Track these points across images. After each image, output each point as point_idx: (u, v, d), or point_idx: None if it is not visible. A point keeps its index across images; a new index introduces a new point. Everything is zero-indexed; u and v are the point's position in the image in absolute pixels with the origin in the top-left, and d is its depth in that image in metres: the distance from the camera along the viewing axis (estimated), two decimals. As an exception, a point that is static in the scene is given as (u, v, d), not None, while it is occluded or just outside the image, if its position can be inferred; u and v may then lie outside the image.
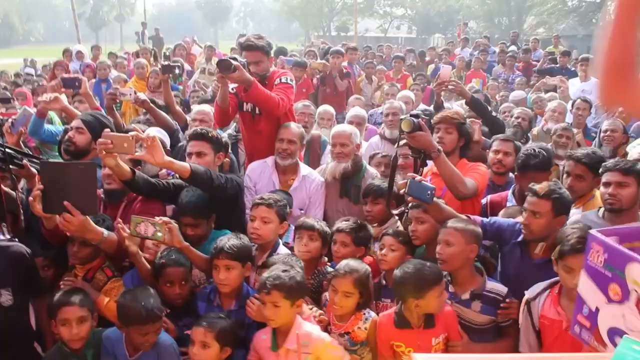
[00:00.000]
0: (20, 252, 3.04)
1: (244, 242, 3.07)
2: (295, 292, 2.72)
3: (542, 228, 3.00)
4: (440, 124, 3.81)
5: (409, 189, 3.00)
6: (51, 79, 8.42)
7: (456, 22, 33.70)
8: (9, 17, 59.11)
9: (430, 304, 2.78)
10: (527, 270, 3.09)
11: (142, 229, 2.98)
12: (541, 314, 2.79)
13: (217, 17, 68.02)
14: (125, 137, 2.97)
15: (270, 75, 4.49)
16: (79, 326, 2.82)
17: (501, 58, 12.05)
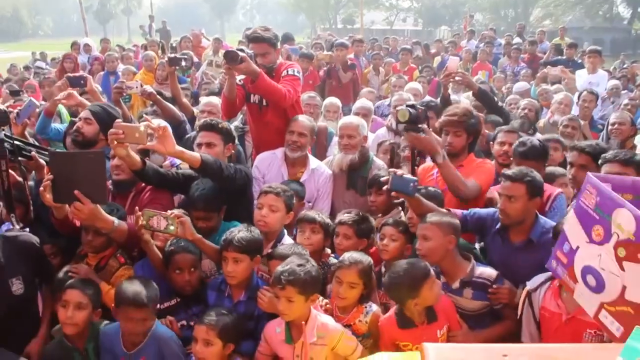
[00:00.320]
0: (29, 241, 3.08)
1: (253, 235, 3.06)
2: (309, 286, 2.71)
3: (518, 211, 3.07)
4: (449, 127, 3.79)
5: (391, 184, 3.05)
6: (60, 72, 8.49)
7: (462, 15, 33.49)
8: (18, 11, 59.27)
9: (427, 297, 2.80)
10: (509, 256, 3.14)
11: (155, 222, 3.00)
12: (542, 306, 2.81)
13: (224, 9, 67.89)
14: (137, 127, 2.99)
15: (278, 67, 4.51)
16: (75, 311, 2.85)
17: (507, 50, 12.01)
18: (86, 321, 2.90)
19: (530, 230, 3.12)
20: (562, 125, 5.51)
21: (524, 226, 3.13)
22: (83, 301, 2.88)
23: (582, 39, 21.80)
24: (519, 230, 3.15)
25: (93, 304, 2.93)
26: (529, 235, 3.11)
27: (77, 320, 2.86)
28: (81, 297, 2.89)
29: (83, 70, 9.27)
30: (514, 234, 3.17)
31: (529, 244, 3.10)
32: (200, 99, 5.79)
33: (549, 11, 39.78)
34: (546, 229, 3.09)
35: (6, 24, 54.62)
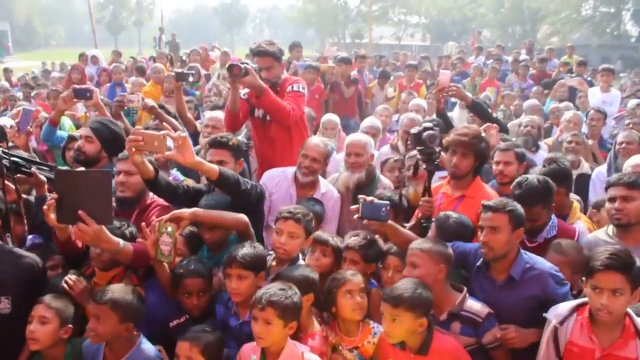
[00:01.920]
0: (30, 264, 3.00)
1: (257, 251, 2.99)
2: (290, 312, 2.61)
3: (502, 244, 2.88)
4: (457, 148, 3.62)
5: (361, 212, 2.92)
6: (67, 83, 8.55)
7: (470, 31, 33.58)
8: (31, 20, 59.89)
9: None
10: (493, 294, 2.97)
11: (165, 249, 2.96)
12: (569, 340, 2.65)
13: (234, 23, 68.38)
14: (156, 135, 2.95)
15: (282, 82, 4.49)
16: (37, 326, 2.79)
17: (514, 67, 12.00)
18: (51, 337, 2.82)
19: (511, 267, 2.94)
20: (565, 141, 5.47)
21: (506, 262, 2.93)
22: (47, 315, 2.82)
23: (590, 56, 21.75)
24: (501, 266, 2.95)
25: (61, 319, 2.84)
26: (509, 272, 2.94)
27: (39, 335, 2.78)
28: (45, 311, 2.82)
29: (90, 81, 9.34)
30: (496, 271, 2.98)
31: (511, 281, 2.93)
32: (205, 113, 5.79)
33: (557, 28, 39.78)
34: (529, 266, 2.92)
35: (20, 34, 55.16)
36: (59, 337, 2.86)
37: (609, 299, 2.48)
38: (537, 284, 2.88)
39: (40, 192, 3.53)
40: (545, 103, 8.78)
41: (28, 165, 3.47)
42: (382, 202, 2.95)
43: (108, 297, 2.74)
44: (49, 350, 2.87)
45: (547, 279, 2.88)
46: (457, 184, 3.68)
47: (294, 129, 4.45)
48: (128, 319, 2.80)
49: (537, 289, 2.87)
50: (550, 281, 2.88)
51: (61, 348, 2.89)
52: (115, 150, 3.79)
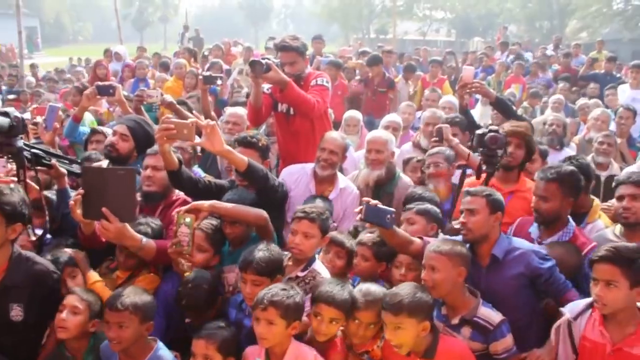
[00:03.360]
0: (44, 272, 2.98)
1: (273, 255, 2.93)
2: (292, 312, 2.61)
3: (479, 225, 2.94)
4: (512, 138, 3.76)
5: (365, 215, 2.88)
6: (92, 79, 8.66)
7: (496, 26, 33.11)
8: (60, 17, 60.82)
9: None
10: (479, 279, 2.99)
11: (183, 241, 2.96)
12: (582, 335, 2.65)
13: (258, 18, 68.55)
14: (186, 124, 3.01)
15: (306, 76, 4.50)
16: (69, 315, 2.83)
17: (543, 62, 11.79)
18: (79, 328, 2.87)
19: (492, 249, 2.99)
20: (597, 142, 5.34)
21: (488, 244, 2.99)
22: (79, 306, 2.86)
23: (620, 51, 21.25)
24: (484, 249, 3.00)
25: (91, 313, 2.88)
26: (492, 253, 2.98)
27: (68, 325, 2.83)
28: (78, 302, 2.87)
29: (115, 77, 9.43)
30: (480, 255, 3.02)
31: (496, 262, 2.96)
32: (225, 109, 5.81)
33: (586, 23, 38.92)
34: (513, 247, 2.98)
35: (49, 30, 56.03)
36: (86, 330, 2.91)
37: (603, 289, 2.53)
38: (520, 262, 2.93)
39: (60, 185, 3.56)
40: (573, 100, 8.63)
41: (48, 158, 3.50)
42: (388, 209, 2.89)
43: (128, 302, 2.75)
44: (74, 341, 2.91)
45: (529, 255, 2.94)
46: (506, 178, 3.77)
47: (318, 123, 4.44)
48: (148, 318, 2.82)
49: (521, 267, 2.92)
50: (534, 257, 2.94)
51: (85, 341, 2.94)
52: (145, 149, 3.82)
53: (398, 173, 4.33)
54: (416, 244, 3.07)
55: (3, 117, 3.25)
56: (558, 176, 3.25)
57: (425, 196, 3.76)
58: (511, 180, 3.79)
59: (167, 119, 3.10)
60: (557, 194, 3.24)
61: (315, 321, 2.75)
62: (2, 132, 3.24)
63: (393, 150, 4.39)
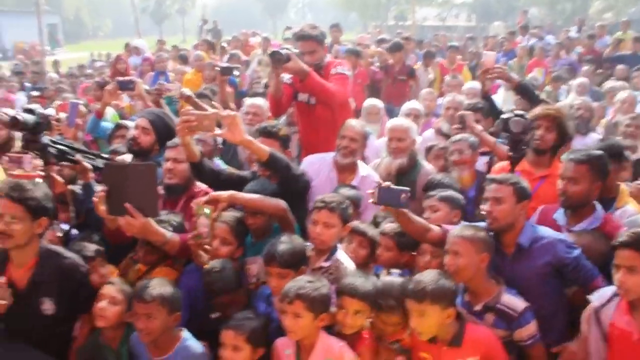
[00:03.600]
0: (73, 264, 3.01)
1: (295, 247, 2.92)
2: (319, 304, 2.61)
3: (505, 214, 2.89)
4: (542, 121, 3.68)
5: (378, 198, 2.83)
6: (113, 74, 8.72)
7: (517, 9, 32.54)
8: (80, 13, 61.52)
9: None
10: (504, 267, 2.94)
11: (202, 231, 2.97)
12: (611, 322, 2.61)
13: (276, 8, 68.47)
14: (206, 115, 3.02)
15: (326, 65, 4.50)
16: (108, 305, 2.89)
17: (566, 42, 11.57)
18: (117, 317, 2.92)
19: (518, 237, 2.94)
20: (623, 125, 5.23)
21: (514, 233, 2.94)
22: (118, 297, 2.92)
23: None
24: (509, 238, 2.95)
25: (128, 304, 2.93)
26: (517, 241, 2.93)
27: (107, 314, 2.89)
28: (117, 292, 2.92)
29: (134, 71, 9.48)
30: (505, 243, 2.97)
31: (522, 251, 2.92)
32: (245, 100, 5.81)
33: (610, 3, 38.04)
34: (539, 236, 2.93)
35: (69, 27, 56.66)
36: (123, 320, 2.96)
37: (625, 275, 2.48)
38: (547, 251, 2.88)
39: (85, 179, 3.60)
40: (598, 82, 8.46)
41: (73, 153, 3.55)
42: (402, 188, 2.85)
43: (156, 293, 2.78)
44: (110, 331, 2.97)
45: (556, 245, 2.89)
46: (538, 162, 3.70)
47: (339, 112, 4.43)
48: (176, 309, 2.86)
49: (548, 256, 2.88)
50: (560, 246, 2.89)
51: (120, 331, 3.00)
52: (167, 142, 3.82)
53: (420, 161, 4.28)
54: (435, 231, 3.03)
55: (29, 114, 3.31)
56: (588, 158, 3.17)
57: (445, 182, 3.73)
58: (543, 165, 3.71)
59: (187, 111, 3.11)
60: (587, 176, 3.16)
61: (340, 314, 2.74)
62: (28, 129, 3.30)
63: (414, 138, 4.34)
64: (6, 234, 2.77)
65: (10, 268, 2.94)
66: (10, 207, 2.77)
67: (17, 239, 2.81)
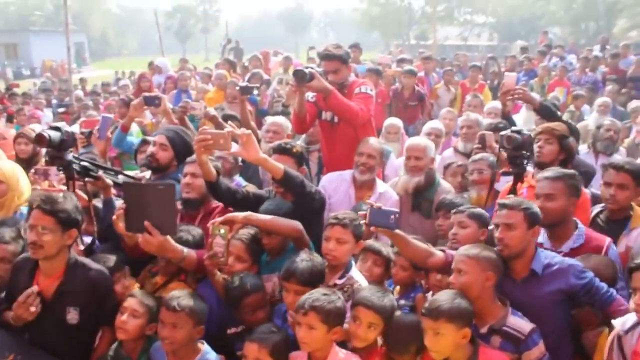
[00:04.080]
0: (100, 276, 3.07)
1: (315, 265, 2.94)
2: (333, 317, 2.61)
3: (517, 241, 2.82)
4: (541, 135, 3.81)
5: (369, 219, 2.82)
6: (137, 92, 8.88)
7: (539, 29, 32.41)
8: (105, 32, 62.93)
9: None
10: (513, 292, 2.88)
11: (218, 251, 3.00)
12: (634, 350, 2.54)
13: (298, 27, 69.22)
14: (222, 134, 3.06)
15: (350, 84, 4.53)
16: (130, 318, 2.93)
17: (592, 64, 11.45)
18: (138, 330, 2.96)
19: (531, 263, 2.87)
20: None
21: (525, 258, 2.87)
22: (139, 310, 2.96)
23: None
24: (521, 264, 2.88)
25: (149, 317, 2.97)
26: (531, 268, 2.87)
27: (129, 328, 2.93)
28: (138, 306, 2.96)
29: (158, 89, 9.64)
30: (516, 268, 2.90)
31: (533, 277, 2.86)
32: (265, 119, 5.86)
33: (636, 22, 37.63)
34: (548, 262, 2.87)
35: (95, 45, 57.96)
36: (144, 333, 3.00)
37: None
38: (558, 279, 2.84)
39: (106, 195, 3.67)
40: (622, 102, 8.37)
41: (95, 170, 3.61)
42: (391, 210, 2.86)
43: (185, 304, 2.82)
44: (130, 342, 3.01)
45: (567, 272, 2.85)
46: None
47: (361, 130, 4.44)
48: (201, 322, 2.89)
49: (559, 284, 2.83)
50: (572, 273, 2.84)
51: (140, 343, 3.04)
52: (185, 158, 3.89)
53: (438, 179, 4.29)
54: (437, 257, 3.00)
55: (55, 131, 3.39)
56: (563, 175, 3.19)
57: (456, 202, 3.70)
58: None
59: (203, 130, 3.16)
60: (563, 192, 3.15)
61: (353, 325, 2.74)
62: (54, 146, 3.37)
63: (433, 157, 4.34)
64: (38, 245, 2.87)
65: (39, 277, 3.03)
66: (42, 219, 2.87)
67: (47, 250, 2.90)
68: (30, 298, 2.88)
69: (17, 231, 3.41)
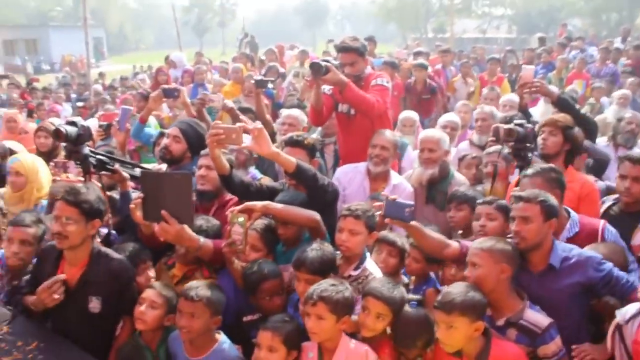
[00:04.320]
0: (123, 267, 3.15)
1: (325, 254, 2.96)
2: (342, 307, 2.63)
3: (534, 233, 2.81)
4: (545, 127, 3.81)
5: (385, 211, 2.85)
6: (154, 86, 8.96)
7: (559, 21, 31.95)
8: (123, 27, 63.37)
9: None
10: (530, 285, 2.87)
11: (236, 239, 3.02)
12: (635, 339, 2.55)
13: (315, 21, 69.06)
14: (234, 128, 3.10)
15: (367, 76, 4.54)
16: (148, 309, 2.99)
17: (613, 55, 11.26)
18: (156, 321, 3.02)
19: (549, 256, 2.86)
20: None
21: (542, 251, 2.86)
22: (158, 301, 3.01)
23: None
24: (538, 256, 2.87)
25: (168, 308, 3.02)
26: (548, 261, 2.85)
27: (147, 318, 2.99)
28: (157, 297, 3.02)
29: (175, 83, 9.70)
30: (533, 261, 2.89)
31: (550, 270, 2.84)
32: (281, 112, 5.89)
33: (660, 12, 36.89)
34: (566, 255, 2.86)
35: (113, 40, 58.41)
36: (162, 324, 3.06)
37: None
38: (576, 271, 2.82)
39: (123, 188, 3.73)
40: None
41: (112, 163, 3.67)
42: (406, 202, 2.88)
43: (202, 294, 2.87)
44: (149, 333, 3.07)
45: (585, 264, 2.83)
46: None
47: (377, 122, 4.45)
48: (218, 313, 2.94)
49: (578, 276, 2.82)
50: (590, 265, 2.83)
51: (159, 333, 3.10)
52: (199, 150, 3.94)
53: (452, 172, 4.28)
54: (452, 247, 3.01)
55: (71, 126, 3.45)
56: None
57: (469, 194, 3.69)
58: None
59: (216, 124, 3.20)
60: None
61: (362, 315, 2.76)
62: (70, 140, 3.44)
63: (447, 149, 4.34)
64: (62, 235, 2.97)
65: (64, 266, 3.13)
66: (66, 210, 2.97)
67: (72, 240, 3.00)
68: (56, 285, 2.98)
69: (36, 215, 3.51)
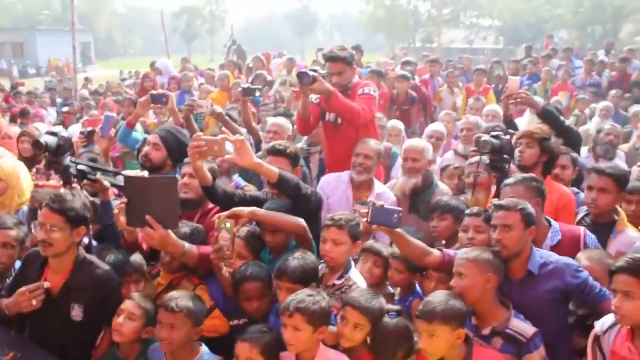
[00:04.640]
0: (106, 276, 3.12)
1: (307, 263, 2.96)
2: (318, 317, 2.63)
3: (515, 241, 2.85)
4: (522, 139, 3.84)
5: (371, 217, 2.85)
6: (140, 92, 8.93)
7: (545, 32, 32.31)
8: (111, 32, 63.12)
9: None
10: (511, 292, 2.91)
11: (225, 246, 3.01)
12: (612, 350, 2.58)
13: (304, 29, 69.22)
14: (216, 140, 3.10)
15: (354, 85, 4.57)
16: (126, 320, 2.95)
17: (596, 68, 11.41)
18: (134, 333, 2.98)
19: (527, 263, 2.90)
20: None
21: (522, 259, 2.91)
22: (136, 313, 2.97)
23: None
24: (518, 264, 2.91)
25: (146, 320, 2.98)
26: (527, 268, 2.89)
27: (124, 329, 2.94)
28: (135, 308, 2.98)
29: (161, 89, 9.67)
30: (513, 269, 2.92)
31: (530, 277, 2.89)
32: (267, 119, 5.89)
33: (642, 26, 37.49)
34: (543, 261, 2.90)
35: (101, 45, 58.14)
36: (140, 336, 3.01)
37: (620, 300, 2.45)
38: (554, 277, 2.87)
39: (104, 197, 3.69)
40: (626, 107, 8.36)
41: (93, 173, 3.64)
42: (394, 209, 2.90)
43: (183, 304, 2.83)
44: (127, 345, 3.02)
45: (563, 270, 2.88)
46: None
47: (363, 131, 4.48)
48: (199, 323, 2.91)
49: (556, 282, 2.86)
50: (568, 271, 2.88)
51: (137, 345, 3.05)
52: (180, 158, 3.92)
53: (436, 181, 4.31)
54: (434, 255, 3.03)
55: (52, 137, 3.43)
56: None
57: (452, 204, 3.70)
58: None
59: (197, 136, 3.19)
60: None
61: (340, 325, 2.77)
62: (51, 151, 3.41)
63: (430, 159, 4.37)
64: (47, 243, 2.95)
65: (48, 273, 3.10)
66: (51, 217, 2.94)
67: (57, 247, 2.98)
68: (38, 291, 2.95)
69: (18, 218, 3.48)
